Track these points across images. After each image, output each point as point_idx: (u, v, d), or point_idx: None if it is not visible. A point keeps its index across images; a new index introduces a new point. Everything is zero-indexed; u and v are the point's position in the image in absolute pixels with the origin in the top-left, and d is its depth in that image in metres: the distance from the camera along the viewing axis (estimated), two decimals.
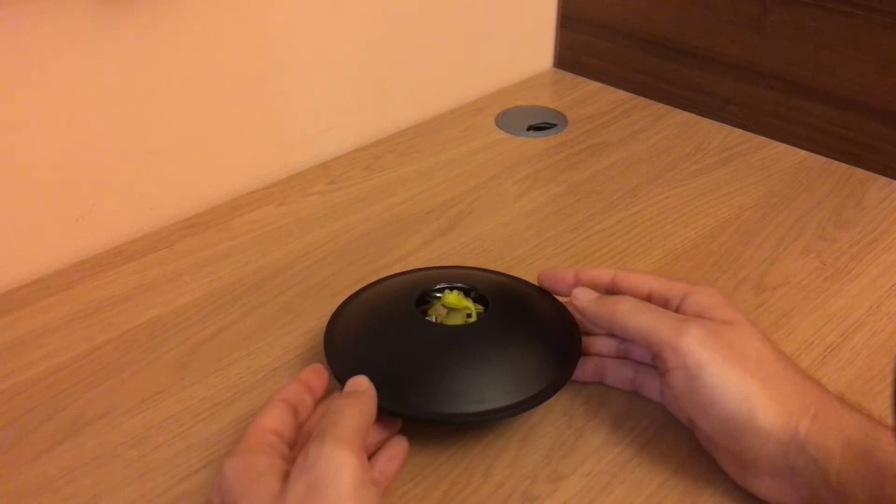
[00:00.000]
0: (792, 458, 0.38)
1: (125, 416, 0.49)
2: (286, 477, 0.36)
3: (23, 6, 0.54)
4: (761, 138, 0.80)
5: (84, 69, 0.59)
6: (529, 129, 0.83)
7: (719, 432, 0.41)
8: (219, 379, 0.51)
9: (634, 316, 0.44)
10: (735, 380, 0.39)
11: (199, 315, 0.57)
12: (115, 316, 0.57)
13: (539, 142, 0.80)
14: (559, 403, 0.49)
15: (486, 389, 0.44)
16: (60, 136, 0.60)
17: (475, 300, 0.51)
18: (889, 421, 0.40)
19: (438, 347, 0.46)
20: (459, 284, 0.51)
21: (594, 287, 0.48)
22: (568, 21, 0.94)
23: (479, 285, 0.51)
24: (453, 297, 0.50)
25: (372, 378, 0.44)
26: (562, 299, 0.52)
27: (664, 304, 0.46)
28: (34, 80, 0.57)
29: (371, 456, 0.43)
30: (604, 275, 0.49)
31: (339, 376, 0.45)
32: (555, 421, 0.48)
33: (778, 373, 0.40)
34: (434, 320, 0.49)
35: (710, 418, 0.41)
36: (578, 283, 0.49)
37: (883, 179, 0.72)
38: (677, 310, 0.45)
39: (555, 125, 0.83)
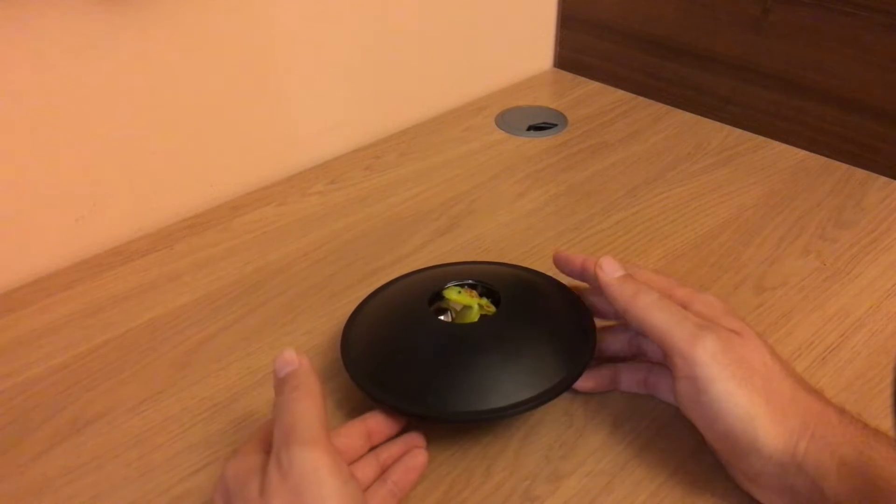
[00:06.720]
0: (791, 478, 0.39)
1: (125, 416, 0.49)
2: None
3: (24, 7, 0.54)
4: (761, 138, 0.80)
5: (85, 70, 0.59)
6: (529, 129, 0.83)
7: (722, 445, 0.41)
8: (219, 379, 0.51)
9: (653, 313, 0.43)
10: (741, 399, 0.39)
11: (199, 315, 0.57)
12: (115, 316, 0.57)
13: (539, 142, 0.80)
14: (559, 403, 0.49)
15: (490, 388, 0.44)
16: (61, 136, 0.60)
17: (485, 295, 0.51)
18: (888, 421, 0.40)
19: (444, 347, 0.46)
20: (470, 281, 0.51)
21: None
22: (568, 21, 0.94)
23: (490, 280, 0.51)
24: (457, 294, 0.50)
25: (385, 382, 0.45)
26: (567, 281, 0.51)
27: None
28: (35, 80, 0.57)
29: (388, 467, 0.43)
30: None
31: (359, 383, 0.45)
32: (555, 421, 0.48)
33: (782, 390, 0.40)
34: (448, 319, 0.49)
35: (714, 432, 0.41)
36: (584, 270, 0.48)
37: (883, 179, 0.72)
38: None
39: (555, 125, 0.83)
